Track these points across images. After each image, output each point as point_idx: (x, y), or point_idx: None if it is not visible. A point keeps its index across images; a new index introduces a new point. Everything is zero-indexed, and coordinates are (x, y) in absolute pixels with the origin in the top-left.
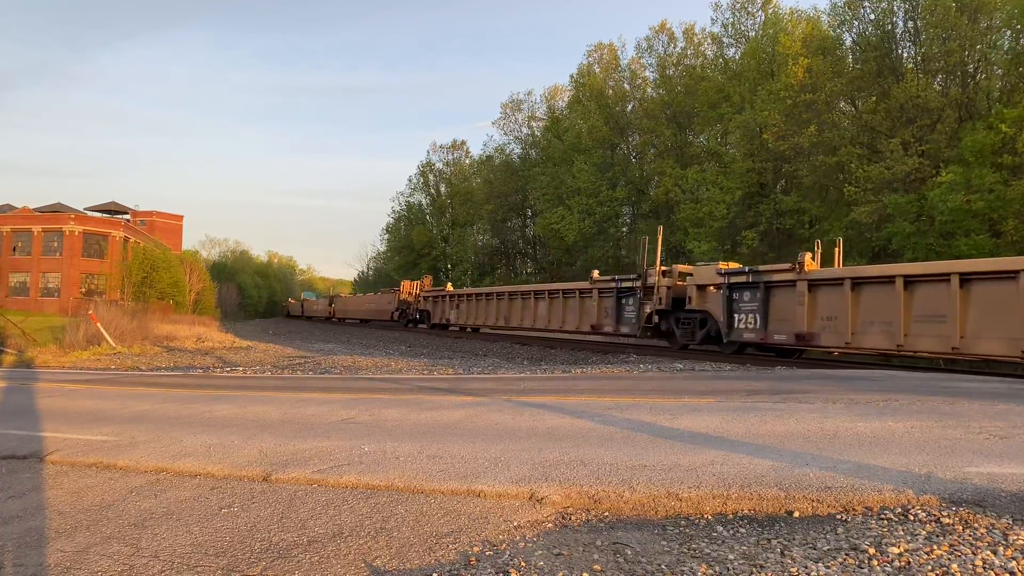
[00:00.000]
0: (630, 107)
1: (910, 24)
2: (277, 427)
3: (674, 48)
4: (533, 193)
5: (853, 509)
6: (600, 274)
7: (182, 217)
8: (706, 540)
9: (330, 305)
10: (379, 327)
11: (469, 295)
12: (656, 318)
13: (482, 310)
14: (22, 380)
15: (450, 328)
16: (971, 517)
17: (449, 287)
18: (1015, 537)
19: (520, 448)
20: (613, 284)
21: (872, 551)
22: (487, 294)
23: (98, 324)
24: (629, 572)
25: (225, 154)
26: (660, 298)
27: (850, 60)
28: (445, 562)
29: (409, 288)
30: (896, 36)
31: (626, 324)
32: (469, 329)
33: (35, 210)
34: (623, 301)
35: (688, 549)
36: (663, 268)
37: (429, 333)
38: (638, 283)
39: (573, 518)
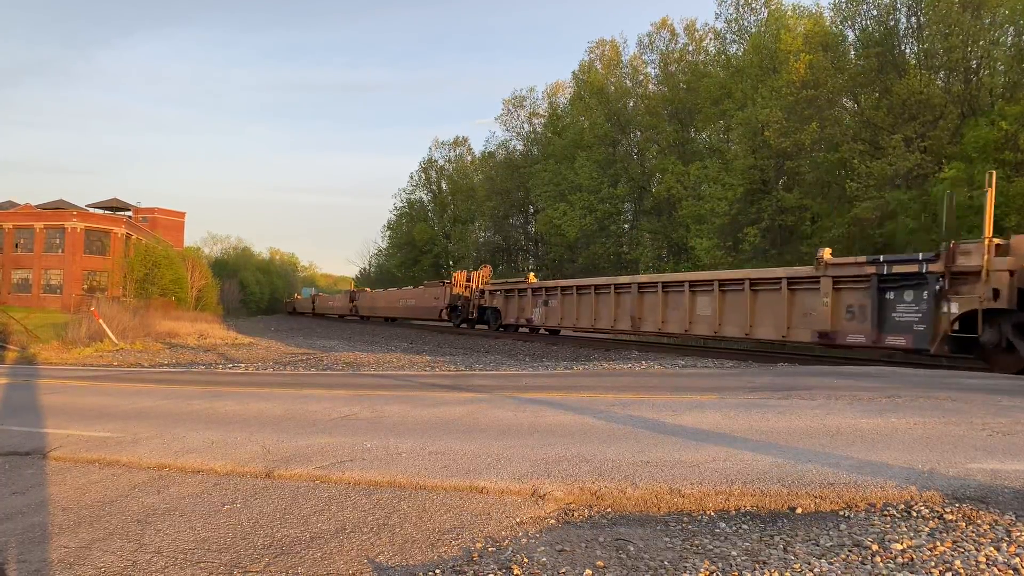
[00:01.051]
0: (632, 104)
1: (912, 20)
2: (279, 423)
3: (675, 44)
4: (535, 190)
5: (856, 505)
6: (833, 254)
7: (184, 214)
8: (709, 536)
9: (351, 301)
10: (383, 324)
11: (566, 288)
12: (961, 323)
13: (587, 308)
14: (25, 376)
15: (520, 330)
16: (974, 513)
17: (532, 277)
18: (1018, 533)
19: (522, 444)
20: (872, 269)
21: (875, 547)
22: (598, 287)
23: (100, 321)
24: (632, 568)
25: (227, 151)
26: (994, 290)
27: (852, 56)
28: (448, 558)
29: (464, 280)
30: (898, 32)
31: (900, 332)
32: (544, 331)
33: (37, 207)
34: (888, 295)
35: (691, 545)
36: (997, 241)
37: (433, 331)
38: (934, 265)
39: (575, 514)
